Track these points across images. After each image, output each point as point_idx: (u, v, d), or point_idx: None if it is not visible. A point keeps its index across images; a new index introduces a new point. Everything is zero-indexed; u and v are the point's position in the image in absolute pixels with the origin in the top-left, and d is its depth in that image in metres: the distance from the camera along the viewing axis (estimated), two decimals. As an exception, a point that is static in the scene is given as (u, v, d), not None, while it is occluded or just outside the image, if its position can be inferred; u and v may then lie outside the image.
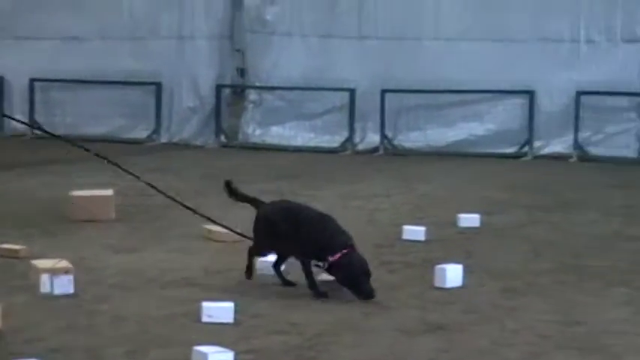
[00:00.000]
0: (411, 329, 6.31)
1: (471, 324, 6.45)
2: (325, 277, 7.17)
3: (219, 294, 6.95)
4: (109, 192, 10.23)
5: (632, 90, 14.90)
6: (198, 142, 16.48)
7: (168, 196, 7.69)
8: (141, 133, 17.12)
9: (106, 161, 7.48)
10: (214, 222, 7.92)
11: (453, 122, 15.82)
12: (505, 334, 6.27)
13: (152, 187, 7.85)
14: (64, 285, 6.98)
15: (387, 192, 11.88)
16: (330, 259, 6.90)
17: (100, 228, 9.40)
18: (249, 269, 7.44)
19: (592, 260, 8.33)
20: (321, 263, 6.97)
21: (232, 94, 17.41)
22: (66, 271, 7.04)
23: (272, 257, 7.83)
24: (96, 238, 9.01)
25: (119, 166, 7.76)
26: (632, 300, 7.11)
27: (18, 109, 17.78)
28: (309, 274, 7.05)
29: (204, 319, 6.39)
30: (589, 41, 15.15)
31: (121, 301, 6.89)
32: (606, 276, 7.78)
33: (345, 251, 6.95)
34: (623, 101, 14.99)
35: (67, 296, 6.93)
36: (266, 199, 10.74)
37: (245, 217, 10.14)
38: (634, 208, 10.83)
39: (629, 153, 14.92)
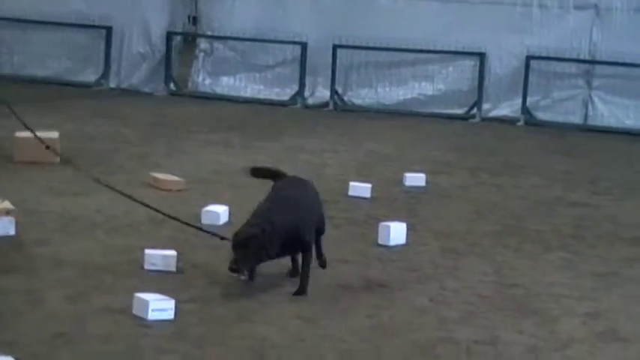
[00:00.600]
0: (352, 285, 6.35)
1: (411, 282, 6.51)
2: None
3: (162, 242, 6.94)
4: (55, 134, 10.12)
5: (581, 57, 15.01)
6: (147, 89, 16.33)
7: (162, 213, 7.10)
8: (89, 77, 16.92)
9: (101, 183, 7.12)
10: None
11: (403, 81, 15.83)
12: (445, 293, 6.34)
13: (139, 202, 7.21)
14: (5, 226, 6.93)
15: (334, 148, 11.89)
16: None
17: (44, 170, 9.32)
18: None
19: (533, 224, 8.42)
20: None
21: (183, 42, 17.26)
22: (7, 212, 6.98)
23: (217, 207, 7.83)
24: (39, 180, 8.93)
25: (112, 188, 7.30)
26: (570, 264, 7.21)
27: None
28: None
29: (147, 266, 6.38)
30: (541, 6, 15.20)
31: (62, 245, 6.85)
32: (546, 240, 7.88)
33: None
34: (572, 67, 15.09)
35: (7, 237, 6.88)
36: (211, 150, 10.73)
37: (188, 162, 10.12)
38: (576, 174, 10.95)
39: (575, 119, 15.05)
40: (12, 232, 6.94)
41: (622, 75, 14.82)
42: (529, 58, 15.03)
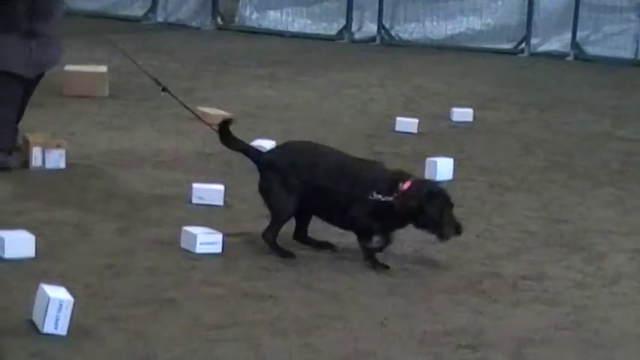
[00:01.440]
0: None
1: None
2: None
3: (209, 176, 6.98)
4: (103, 68, 10.18)
5: (634, -10, 14.76)
6: (194, 24, 16.30)
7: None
8: (137, 11, 16.91)
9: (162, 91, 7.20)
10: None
11: (451, 15, 15.67)
12: (492, 228, 6.34)
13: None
14: (56, 159, 7.00)
15: (381, 82, 11.84)
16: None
17: (93, 104, 9.38)
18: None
19: (582, 160, 8.36)
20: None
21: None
22: (58, 145, 7.05)
23: (264, 142, 7.85)
24: (88, 114, 9.00)
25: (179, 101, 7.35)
26: (618, 200, 7.17)
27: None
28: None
29: (194, 200, 6.43)
30: (593, -62, 14.94)
31: (111, 178, 6.92)
32: (595, 176, 7.83)
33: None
34: (623, 1, 14.84)
35: (58, 170, 6.96)
36: (258, 84, 10.73)
37: (235, 97, 10.14)
38: (626, 109, 10.83)
39: (626, 54, 14.84)
40: (62, 165, 7.02)
41: (675, 9, 14.57)
42: (579, -8, 14.81)
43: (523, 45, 15.19)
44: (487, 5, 15.48)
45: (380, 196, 5.41)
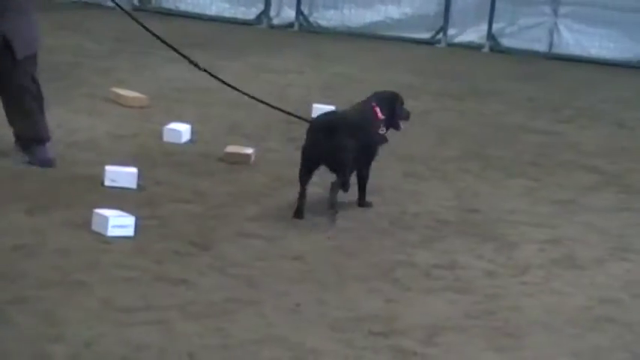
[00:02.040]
0: (314, 207, 6.36)
1: (373, 205, 6.52)
2: None
3: (123, 159, 6.90)
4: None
5: (549, -16, 14.96)
6: (110, 3, 16.08)
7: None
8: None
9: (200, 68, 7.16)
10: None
11: (370, 3, 15.70)
12: (405, 216, 6.37)
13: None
14: (-35, 138, 6.85)
15: (299, 69, 11.82)
16: None
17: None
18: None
19: (495, 150, 8.45)
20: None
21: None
22: (-33, 125, 6.90)
23: (179, 125, 7.79)
24: None
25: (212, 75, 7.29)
26: (530, 191, 7.26)
27: None
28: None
29: (107, 182, 6.35)
30: None
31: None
32: (508, 167, 7.92)
33: None
34: (540, -5, 15.04)
35: (-33, 150, 6.82)
36: (174, 67, 10.60)
37: (151, 79, 10.03)
38: (540, 101, 10.98)
39: (541, 47, 15.02)
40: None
41: (588, 3, 14.79)
42: (496, -16, 14.96)
43: (440, 35, 15.30)
44: (406, -6, 15.55)
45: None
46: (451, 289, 5.24)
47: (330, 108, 9.14)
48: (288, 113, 7.21)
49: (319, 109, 9.14)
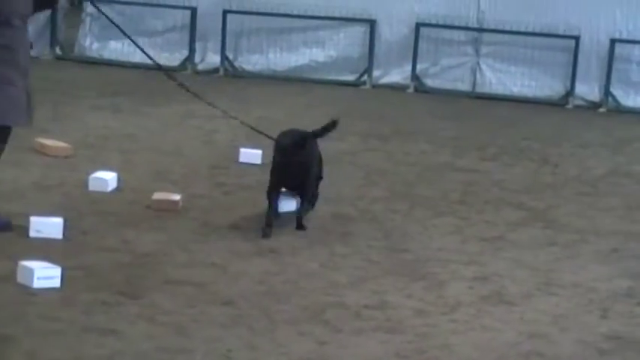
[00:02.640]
0: (242, 251, 6.34)
1: (302, 248, 6.52)
2: None
3: (48, 209, 6.81)
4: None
5: (470, 25, 15.17)
6: (32, 53, 15.97)
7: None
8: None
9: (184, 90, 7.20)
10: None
11: (294, 47, 15.80)
12: (335, 258, 6.37)
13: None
14: None
15: (225, 114, 11.80)
16: None
17: None
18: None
19: (423, 189, 8.51)
20: None
21: (69, 4, 16.91)
22: None
23: (105, 173, 7.72)
24: None
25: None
26: (458, 229, 7.31)
27: None
28: None
29: (32, 234, 6.26)
30: (432, -27, 15.31)
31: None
32: (435, 205, 7.97)
33: None
34: (461, 35, 15.24)
35: None
36: (99, 115, 10.53)
37: (75, 128, 9.94)
38: (465, 140, 11.09)
39: (464, 86, 15.22)
40: None
41: (509, 43, 15.04)
42: (418, 25, 15.14)
43: (365, 77, 15.42)
44: (330, 37, 15.67)
45: None
46: (382, 329, 5.23)
47: (257, 152, 9.15)
48: (259, 132, 7.53)
49: (246, 153, 9.14)
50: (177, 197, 7.27)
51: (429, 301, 5.70)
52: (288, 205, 7.28)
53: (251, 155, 9.13)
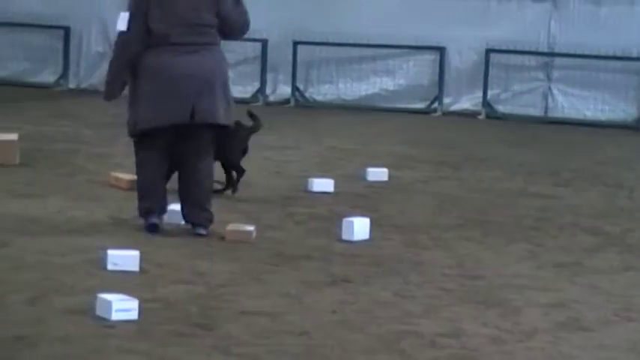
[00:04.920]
0: (316, 281, 6.35)
1: (375, 277, 6.51)
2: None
3: (124, 242, 6.90)
4: (14, 136, 10.04)
5: (540, 49, 15.10)
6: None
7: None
8: (48, 77, 16.81)
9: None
10: None
11: (364, 76, 15.86)
12: (409, 287, 6.35)
13: None
14: (-35, 229, 6.85)
15: (296, 144, 11.88)
16: None
17: (3, 173, 9.23)
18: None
19: (496, 216, 8.46)
20: None
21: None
22: (-33, 216, 6.90)
23: (179, 207, 7.80)
24: (-1, 182, 8.85)
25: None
26: (532, 255, 7.25)
27: None
28: None
29: (110, 267, 6.34)
30: (500, -1, 15.28)
31: (23, 247, 6.79)
32: (509, 232, 7.91)
33: None
34: (531, 60, 15.17)
35: (-33, 241, 6.81)
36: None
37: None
38: (537, 165, 11.01)
39: (536, 112, 15.14)
40: (-29, 235, 6.87)
41: (580, 66, 14.94)
42: (489, 52, 15.11)
43: (436, 104, 15.41)
44: (399, 66, 15.71)
45: None
46: (457, 357, 5.19)
47: (328, 181, 9.19)
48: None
49: (317, 182, 9.18)
50: (250, 228, 7.31)
51: (504, 328, 5.65)
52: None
53: (322, 184, 9.16)
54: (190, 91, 7.08)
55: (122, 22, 7.12)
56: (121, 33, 7.15)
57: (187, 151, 7.24)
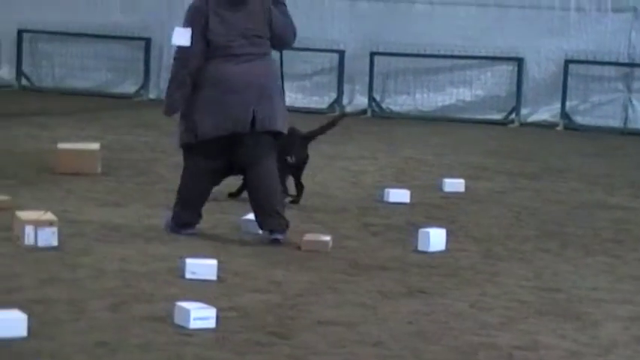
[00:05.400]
0: (392, 292, 6.36)
1: (451, 288, 6.50)
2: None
3: (202, 250, 6.98)
4: (96, 145, 10.22)
5: (620, 60, 14.92)
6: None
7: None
8: (129, 88, 17.06)
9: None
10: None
11: (441, 87, 15.83)
12: (485, 298, 6.32)
13: None
14: (48, 237, 6.99)
15: (373, 154, 11.90)
16: None
17: (85, 181, 9.40)
18: None
19: (573, 228, 8.38)
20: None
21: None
22: (50, 224, 7.04)
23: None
24: (80, 191, 9.01)
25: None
26: (611, 269, 7.17)
27: (5, 60, 17.68)
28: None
29: (188, 275, 6.42)
30: (579, 9, 15.14)
31: (104, 254, 6.91)
32: (587, 244, 7.84)
33: None
34: (611, 71, 15.00)
35: (50, 248, 6.95)
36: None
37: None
38: (616, 177, 10.89)
39: (615, 123, 14.96)
40: (54, 243, 7.01)
41: (661, 77, 14.73)
42: (567, 62, 14.97)
43: (513, 115, 15.31)
44: (477, 77, 15.65)
45: None
46: (535, 370, 5.17)
47: (405, 192, 9.19)
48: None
49: (394, 192, 9.18)
50: (327, 238, 7.35)
51: (582, 341, 5.60)
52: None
53: (398, 195, 9.16)
54: (250, 99, 7.22)
55: (181, 37, 7.28)
56: (181, 48, 7.29)
57: (248, 161, 7.35)
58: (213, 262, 6.51)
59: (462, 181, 9.93)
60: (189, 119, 7.32)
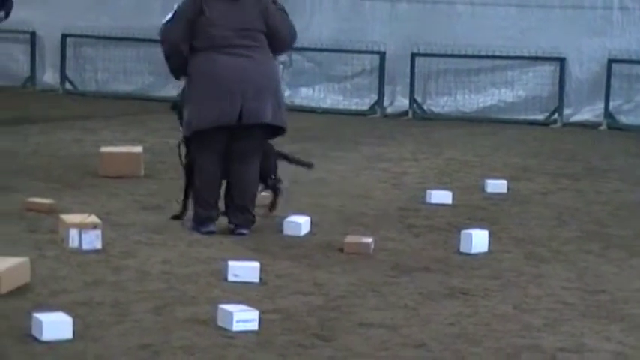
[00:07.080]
0: (434, 293, 6.35)
1: (494, 289, 6.48)
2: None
3: (244, 253, 7.01)
4: (139, 149, 10.29)
5: (665, 59, 14.79)
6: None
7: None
8: (171, 91, 17.12)
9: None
10: None
11: (482, 88, 15.77)
12: (528, 300, 6.30)
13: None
14: (92, 240, 7.06)
15: (414, 156, 11.88)
16: None
17: (129, 184, 9.47)
18: None
19: (617, 229, 8.32)
20: None
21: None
22: (94, 226, 7.11)
23: (297, 217, 7.88)
24: (124, 194, 9.08)
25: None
26: (656, 270, 7.11)
27: (49, 65, 17.86)
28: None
29: (230, 277, 6.45)
30: (622, 8, 15.02)
31: (147, 257, 6.96)
32: (630, 245, 7.78)
33: None
34: (656, 69, 14.88)
35: (94, 251, 7.01)
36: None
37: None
38: (661, 178, 10.79)
39: (660, 123, 14.83)
40: (98, 245, 7.07)
41: None
42: (610, 62, 14.86)
43: (555, 116, 15.22)
44: (518, 77, 15.57)
45: None
46: (579, 372, 5.14)
47: (447, 193, 9.17)
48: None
49: (435, 194, 9.17)
50: (369, 240, 7.35)
51: (628, 343, 5.56)
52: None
53: (441, 196, 9.14)
54: (239, 91, 7.33)
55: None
56: (165, 26, 7.66)
57: (233, 155, 7.50)
58: (256, 264, 6.54)
59: (504, 182, 9.89)
60: (186, 112, 7.55)
